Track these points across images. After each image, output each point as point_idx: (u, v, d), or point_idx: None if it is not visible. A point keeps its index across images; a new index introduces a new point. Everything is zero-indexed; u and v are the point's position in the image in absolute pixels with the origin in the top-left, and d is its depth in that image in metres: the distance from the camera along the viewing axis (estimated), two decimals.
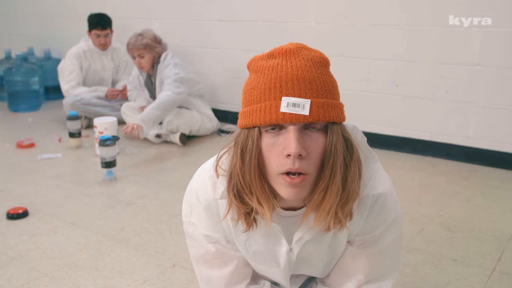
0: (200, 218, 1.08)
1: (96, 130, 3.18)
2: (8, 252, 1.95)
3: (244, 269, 1.13)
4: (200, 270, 1.15)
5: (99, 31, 3.99)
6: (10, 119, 4.33)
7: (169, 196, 2.50)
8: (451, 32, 2.91)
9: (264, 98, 0.87)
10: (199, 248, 1.11)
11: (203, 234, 1.09)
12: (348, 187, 0.91)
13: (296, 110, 0.84)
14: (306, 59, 0.89)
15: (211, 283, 1.13)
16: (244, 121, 0.91)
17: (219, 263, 1.11)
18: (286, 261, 1.07)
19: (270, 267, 1.10)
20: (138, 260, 1.89)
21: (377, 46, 3.20)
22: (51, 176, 2.83)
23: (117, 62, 4.25)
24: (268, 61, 0.90)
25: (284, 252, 1.04)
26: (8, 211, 2.27)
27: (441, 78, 3.01)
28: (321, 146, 0.88)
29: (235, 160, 0.92)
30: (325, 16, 3.33)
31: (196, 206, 1.07)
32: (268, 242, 1.04)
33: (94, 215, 2.30)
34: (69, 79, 3.99)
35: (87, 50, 4.06)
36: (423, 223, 2.19)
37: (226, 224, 1.06)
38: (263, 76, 0.88)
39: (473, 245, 1.99)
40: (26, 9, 5.41)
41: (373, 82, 3.27)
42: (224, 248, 1.10)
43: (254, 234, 1.03)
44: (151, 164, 3.06)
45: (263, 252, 1.06)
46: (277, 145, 0.87)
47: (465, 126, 3.00)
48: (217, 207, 1.04)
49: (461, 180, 2.73)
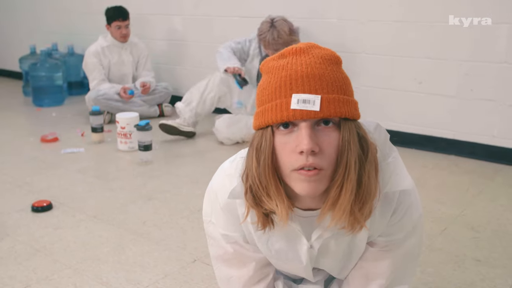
0: (218, 217, 1.09)
1: (118, 125, 3.22)
2: (33, 244, 1.98)
3: (263, 270, 1.13)
4: (220, 269, 1.16)
5: (120, 22, 4.02)
6: (35, 114, 4.40)
7: (190, 192, 2.51)
8: (476, 30, 2.86)
9: (275, 96, 0.87)
10: (218, 248, 1.13)
11: (221, 233, 1.10)
12: (364, 185, 0.90)
13: (307, 106, 0.84)
14: (316, 56, 0.89)
15: (229, 282, 1.14)
16: (258, 121, 0.91)
17: (238, 263, 1.11)
18: (308, 258, 1.07)
19: (293, 265, 1.10)
20: (159, 255, 1.90)
21: (401, 43, 3.16)
22: (74, 170, 2.87)
23: (137, 57, 4.27)
24: (278, 61, 0.90)
25: (305, 250, 1.05)
26: (33, 204, 2.31)
27: (466, 75, 2.96)
28: (334, 142, 0.87)
29: (250, 161, 0.92)
30: (348, 13, 3.30)
31: (215, 206, 1.09)
32: (289, 241, 1.05)
33: (116, 209, 2.33)
34: (92, 77, 4.05)
35: (105, 47, 4.10)
36: (446, 222, 2.16)
37: (246, 226, 1.06)
38: (274, 76, 0.89)
39: (498, 245, 1.95)
40: (51, 5, 5.49)
41: (396, 79, 3.23)
42: (243, 249, 1.10)
43: (275, 234, 1.03)
44: (173, 159, 3.08)
45: (285, 250, 1.06)
46: (290, 142, 0.87)
47: (490, 124, 2.95)
48: (235, 207, 1.03)
49: (485, 180, 2.68)
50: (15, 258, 1.88)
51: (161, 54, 4.58)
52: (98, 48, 4.07)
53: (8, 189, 2.58)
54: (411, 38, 3.11)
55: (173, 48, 4.48)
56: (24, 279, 1.73)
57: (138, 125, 3.01)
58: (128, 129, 3.19)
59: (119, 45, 4.14)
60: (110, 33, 4.11)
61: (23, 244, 1.98)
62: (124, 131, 3.20)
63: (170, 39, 4.48)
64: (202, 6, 4.13)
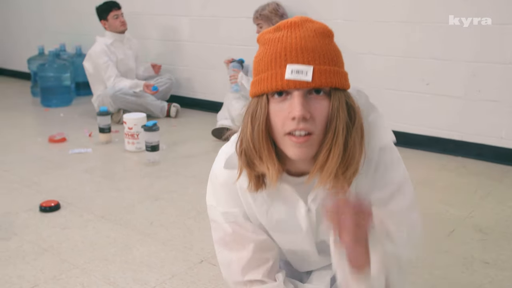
0: (219, 196, 1.13)
1: (125, 126, 3.23)
2: (41, 244, 2.00)
3: (262, 255, 1.13)
4: (221, 253, 1.17)
5: (116, 11, 4.09)
6: (43, 114, 4.43)
7: (197, 192, 2.52)
8: (484, 30, 2.85)
9: (271, 67, 0.93)
10: (219, 230, 1.15)
11: (221, 212, 1.12)
12: (349, 150, 0.95)
13: (300, 76, 0.90)
14: (310, 30, 0.95)
15: (230, 266, 1.16)
16: (254, 90, 0.98)
17: (237, 245, 1.13)
18: (308, 223, 1.09)
19: (294, 234, 1.12)
20: (166, 255, 1.91)
21: (407, 44, 3.15)
22: (81, 170, 2.89)
23: (135, 51, 4.32)
24: (274, 34, 0.96)
25: (303, 214, 1.08)
26: (41, 204, 2.32)
27: (473, 76, 2.95)
28: (324, 110, 0.93)
29: (246, 126, 0.98)
30: (354, 13, 3.30)
31: (215, 184, 1.13)
32: (287, 208, 1.08)
33: (123, 209, 2.34)
34: (108, 75, 4.06)
35: (109, 44, 4.13)
36: (454, 224, 2.15)
37: (245, 199, 1.10)
38: (269, 47, 0.95)
39: (506, 248, 1.94)
40: (59, 7, 5.52)
41: (403, 80, 3.22)
42: (242, 229, 1.12)
43: (274, 202, 1.07)
44: (180, 160, 3.09)
45: (285, 219, 1.09)
46: (284, 110, 0.93)
47: (498, 126, 2.93)
48: (234, 181, 1.07)
49: (493, 182, 2.67)
50: (23, 257, 1.89)
51: (162, 54, 4.59)
52: (104, 47, 4.09)
53: (16, 189, 2.59)
54: (418, 39, 3.10)
55: (175, 48, 4.49)
56: (32, 279, 1.75)
57: (145, 125, 3.03)
58: (136, 130, 3.20)
59: (119, 38, 4.16)
60: (108, 27, 4.13)
61: (31, 244, 2.00)
62: (132, 131, 3.21)
63: (172, 39, 4.49)
64: (209, 7, 4.14)
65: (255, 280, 1.13)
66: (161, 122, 3.79)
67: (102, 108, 3.47)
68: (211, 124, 3.64)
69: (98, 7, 4.13)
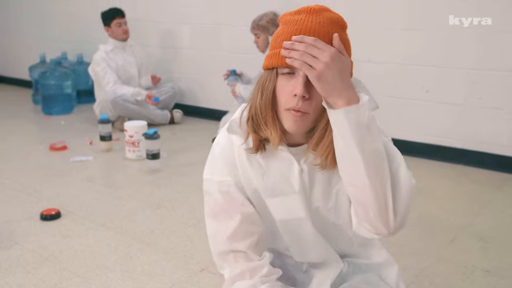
0: (216, 164, 1.19)
1: (126, 134, 3.24)
2: (42, 253, 2.00)
3: (248, 228, 1.18)
4: (210, 226, 1.22)
5: (120, 19, 4.12)
6: (44, 122, 4.44)
7: (198, 200, 2.51)
8: (484, 38, 2.86)
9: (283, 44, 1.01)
10: (210, 202, 1.20)
11: (217, 181, 1.17)
12: None
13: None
14: (326, 18, 1.04)
15: (216, 236, 1.21)
16: (266, 62, 1.07)
17: (225, 216, 1.18)
18: (300, 183, 1.14)
19: (288, 196, 1.16)
20: (167, 264, 1.91)
21: (407, 51, 3.16)
22: (82, 179, 2.89)
23: (138, 59, 4.34)
24: (294, 16, 1.06)
25: (296, 174, 1.14)
26: (42, 212, 2.33)
27: (474, 84, 2.96)
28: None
29: (256, 94, 1.09)
30: (353, 21, 3.30)
31: (214, 154, 1.20)
32: (282, 169, 1.15)
33: (124, 218, 2.34)
34: (106, 81, 4.08)
35: (109, 51, 4.15)
36: (455, 232, 2.15)
37: (242, 164, 1.16)
38: (287, 27, 1.04)
39: (507, 256, 1.94)
40: (60, 15, 5.55)
41: (403, 87, 3.23)
42: (232, 199, 1.17)
43: (269, 166, 1.15)
44: (180, 168, 3.09)
45: (279, 180, 1.15)
46: (288, 86, 1.03)
47: (499, 133, 2.93)
48: (232, 149, 1.16)
49: (494, 189, 2.67)
50: (23, 266, 1.89)
51: (164, 62, 4.61)
52: (103, 54, 4.13)
53: (17, 197, 2.60)
54: (418, 46, 3.11)
55: (178, 56, 4.51)
56: (32, 287, 1.75)
57: (146, 133, 3.03)
58: (136, 138, 3.21)
59: (121, 45, 4.19)
60: (110, 34, 4.16)
61: (32, 252, 2.00)
62: (132, 139, 3.22)
63: (174, 47, 4.51)
64: (210, 15, 4.16)
65: (239, 250, 1.17)
66: (162, 130, 3.80)
67: (103, 116, 3.48)
68: (212, 132, 3.65)
69: (103, 12, 4.18)
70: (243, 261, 1.17)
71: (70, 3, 5.38)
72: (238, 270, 1.17)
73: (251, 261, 1.17)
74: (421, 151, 3.20)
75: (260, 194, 1.17)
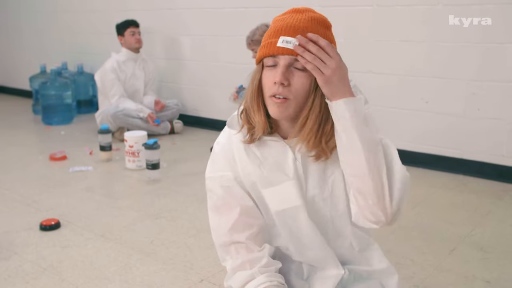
0: (217, 161, 1.28)
1: (126, 144, 3.24)
2: (41, 263, 1.99)
3: (247, 220, 1.25)
4: (213, 219, 1.30)
5: (134, 28, 4.16)
6: (44, 132, 4.45)
7: (198, 211, 2.51)
8: (483, 49, 2.87)
9: (269, 38, 1.14)
10: (212, 197, 1.29)
11: (218, 176, 1.27)
12: (330, 123, 1.12)
13: (287, 45, 1.09)
14: (308, 16, 1.14)
15: (218, 229, 1.28)
16: (257, 57, 1.18)
17: (226, 209, 1.26)
18: (294, 171, 1.21)
19: (283, 183, 1.22)
20: (166, 274, 1.90)
21: (407, 63, 3.18)
22: (82, 189, 2.89)
23: (147, 74, 4.36)
24: (281, 16, 1.18)
25: (290, 161, 1.21)
26: (41, 222, 2.32)
27: (473, 95, 2.97)
28: (301, 82, 1.11)
29: (248, 88, 1.20)
30: (354, 32, 3.33)
31: (214, 151, 1.30)
32: (276, 159, 1.22)
33: (123, 228, 2.34)
34: (112, 93, 4.11)
35: (121, 62, 4.17)
36: (455, 242, 2.15)
37: (240, 157, 1.25)
38: (274, 25, 1.16)
39: (508, 267, 1.93)
40: (60, 26, 5.58)
41: (403, 98, 3.24)
42: (232, 193, 1.25)
43: (265, 158, 1.23)
44: (180, 178, 3.09)
45: (274, 169, 1.22)
46: (271, 76, 1.13)
47: (499, 144, 2.94)
48: (231, 146, 1.25)
49: (494, 199, 2.67)
50: (22, 277, 1.88)
51: (166, 72, 4.64)
52: (115, 64, 4.14)
53: (16, 207, 2.59)
54: (418, 58, 3.13)
55: (179, 67, 4.53)
56: None
57: (146, 143, 3.04)
58: (136, 148, 3.21)
59: (133, 57, 4.22)
60: (123, 43, 4.19)
61: (31, 263, 1.99)
62: (132, 149, 3.22)
63: (176, 58, 4.53)
64: (211, 27, 4.18)
65: (240, 242, 1.25)
66: (162, 140, 3.81)
67: (103, 126, 3.49)
68: (212, 142, 3.65)
69: (118, 24, 4.22)
70: (244, 252, 1.24)
71: (70, 14, 5.42)
72: (239, 261, 1.23)
73: (252, 252, 1.24)
74: (421, 161, 3.20)
75: (258, 186, 1.24)
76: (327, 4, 3.37)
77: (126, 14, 4.65)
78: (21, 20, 6.06)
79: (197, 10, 4.25)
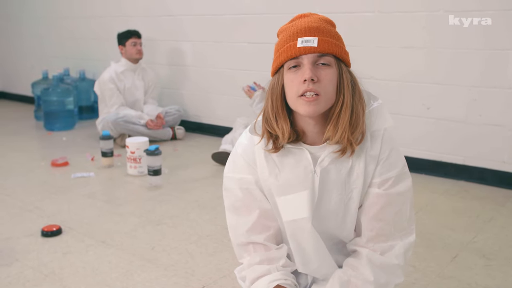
0: (238, 163, 1.29)
1: (128, 150, 3.25)
2: (42, 269, 1.99)
3: (265, 223, 1.29)
4: (231, 218, 1.32)
5: (136, 39, 4.16)
6: (46, 138, 4.45)
7: (199, 217, 2.51)
8: (485, 55, 2.88)
9: (286, 42, 1.16)
10: (231, 196, 1.31)
11: (238, 178, 1.28)
12: (355, 113, 1.16)
13: (308, 44, 1.12)
14: (316, 17, 1.20)
15: (237, 229, 1.31)
16: (273, 66, 1.20)
17: (245, 210, 1.29)
18: (311, 183, 1.21)
19: (295, 193, 1.23)
20: (168, 281, 1.90)
21: (408, 68, 3.18)
22: (83, 195, 2.89)
23: (147, 82, 4.36)
24: (288, 24, 1.21)
25: (309, 173, 1.21)
26: (43, 228, 2.32)
27: (474, 101, 2.97)
28: (329, 75, 1.14)
29: (267, 98, 1.21)
30: (356, 39, 3.34)
31: (236, 154, 1.30)
32: (295, 168, 1.23)
33: (125, 234, 2.33)
34: (112, 103, 4.13)
35: (120, 72, 4.17)
36: (457, 249, 2.14)
37: (261, 162, 1.25)
38: (285, 33, 1.18)
39: (511, 273, 1.92)
40: (63, 33, 5.60)
41: (405, 104, 3.24)
42: (251, 195, 1.28)
43: (284, 166, 1.23)
44: (182, 184, 3.09)
45: (291, 178, 1.23)
46: (297, 78, 1.14)
47: (500, 150, 2.93)
48: (253, 149, 1.26)
49: (496, 206, 2.66)
50: (23, 283, 1.88)
51: (166, 78, 4.64)
52: (113, 74, 4.14)
53: (18, 214, 2.59)
54: (419, 64, 3.13)
55: (179, 73, 4.54)
56: None
57: (148, 149, 3.04)
58: (138, 154, 3.22)
59: (132, 68, 4.22)
60: (124, 53, 4.19)
61: (32, 269, 1.99)
62: (134, 155, 3.23)
63: (177, 64, 4.54)
64: (210, 33, 4.20)
65: (258, 243, 1.28)
66: (163, 146, 3.81)
67: (105, 132, 3.49)
68: (214, 148, 3.66)
69: (119, 33, 4.22)
70: (263, 251, 1.28)
71: (72, 20, 5.44)
72: (257, 258, 1.27)
73: (270, 250, 1.28)
74: (423, 167, 3.20)
75: (273, 194, 1.26)
76: (328, 11, 3.37)
77: (126, 20, 4.68)
78: (23, 26, 6.09)
79: (197, 17, 4.26)
